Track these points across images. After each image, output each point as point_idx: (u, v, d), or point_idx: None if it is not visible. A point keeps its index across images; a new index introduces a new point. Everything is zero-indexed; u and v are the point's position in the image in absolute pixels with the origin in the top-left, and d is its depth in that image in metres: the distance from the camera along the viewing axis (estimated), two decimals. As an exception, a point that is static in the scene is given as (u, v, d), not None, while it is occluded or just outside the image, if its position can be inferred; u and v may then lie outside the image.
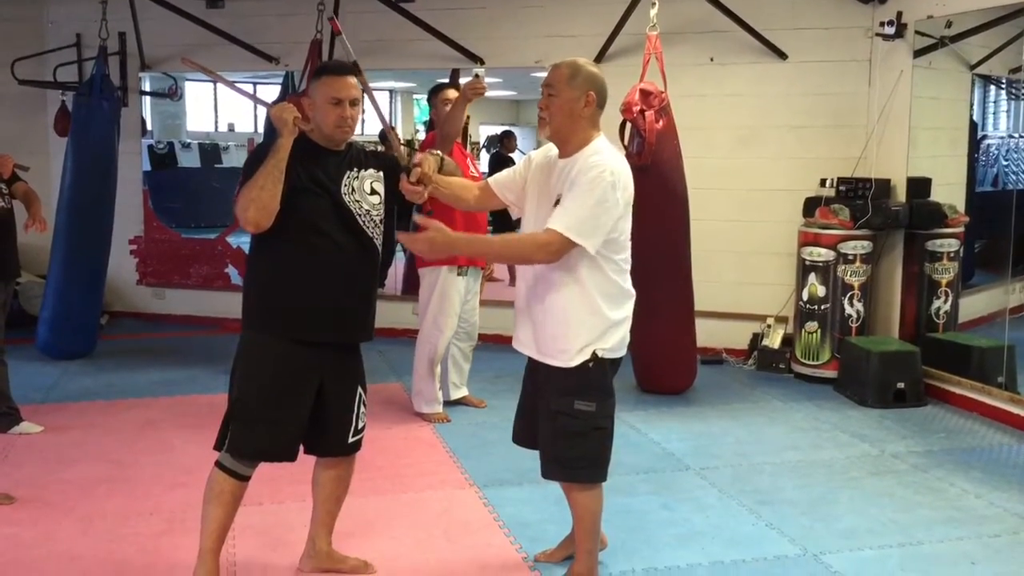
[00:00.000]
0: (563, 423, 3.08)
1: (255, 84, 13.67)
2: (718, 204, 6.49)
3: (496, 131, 11.81)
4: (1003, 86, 7.45)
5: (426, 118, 8.53)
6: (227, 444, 3.00)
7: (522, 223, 3.24)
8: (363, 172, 3.06)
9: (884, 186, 6.11)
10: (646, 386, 5.82)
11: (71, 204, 6.48)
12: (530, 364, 3.25)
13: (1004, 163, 7.76)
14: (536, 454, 3.22)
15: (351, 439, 3.15)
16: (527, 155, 3.34)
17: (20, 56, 7.29)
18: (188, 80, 11.08)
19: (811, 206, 6.20)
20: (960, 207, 6.35)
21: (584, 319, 3.03)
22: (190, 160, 13.50)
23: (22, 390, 5.09)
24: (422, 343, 5.16)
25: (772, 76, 6.52)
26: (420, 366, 5.18)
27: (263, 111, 10.11)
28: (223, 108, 14.47)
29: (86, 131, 6.54)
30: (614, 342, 3.08)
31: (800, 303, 6.18)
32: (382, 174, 3.11)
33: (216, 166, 13.55)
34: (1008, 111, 7.73)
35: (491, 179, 3.39)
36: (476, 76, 4.66)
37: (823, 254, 6.03)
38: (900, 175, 6.15)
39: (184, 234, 8.50)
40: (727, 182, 6.60)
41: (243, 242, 3.43)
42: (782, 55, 6.45)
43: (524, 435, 3.32)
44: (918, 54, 6.01)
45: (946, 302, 6.13)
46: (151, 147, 11.74)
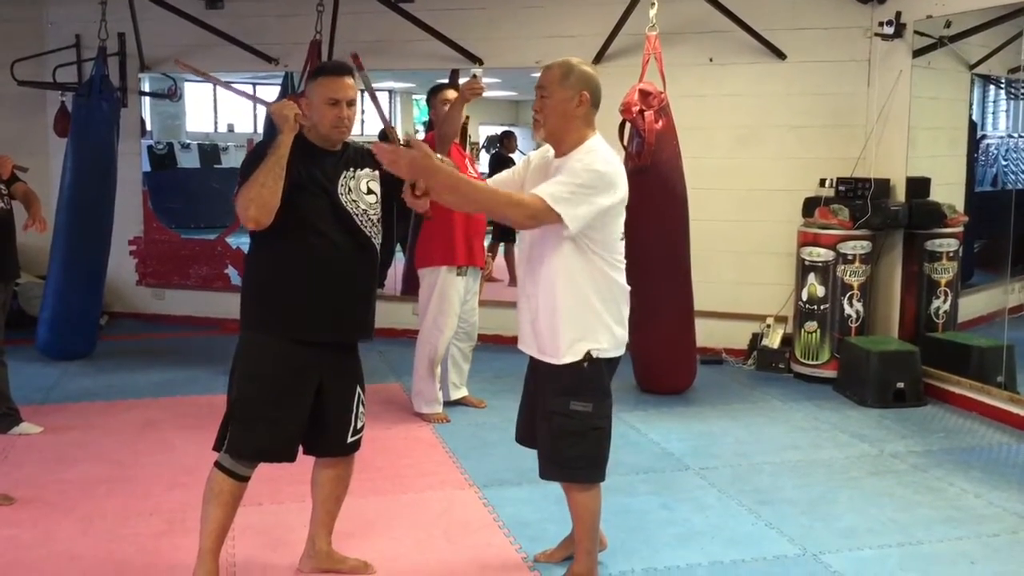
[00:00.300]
0: (560, 423, 3.08)
1: (254, 85, 13.66)
2: (717, 204, 6.50)
3: (496, 131, 11.79)
4: (1002, 86, 7.45)
5: (425, 118, 8.51)
6: (227, 445, 3.00)
7: None
8: (359, 172, 3.06)
9: (883, 186, 6.11)
10: (646, 386, 5.82)
11: (71, 205, 6.48)
12: (531, 363, 3.25)
13: (1003, 163, 7.76)
14: (536, 454, 3.22)
15: (350, 439, 3.14)
16: (526, 156, 3.34)
17: (20, 57, 7.29)
18: (187, 81, 11.07)
19: (810, 206, 6.20)
20: (959, 207, 6.36)
21: (576, 314, 3.02)
22: (189, 161, 13.50)
23: (22, 391, 5.09)
24: (422, 343, 5.17)
25: (771, 76, 6.52)
26: (420, 366, 5.19)
27: (263, 112, 10.12)
28: (222, 109, 14.46)
29: (86, 132, 6.55)
30: (609, 341, 3.08)
31: (799, 303, 6.18)
32: (378, 173, 3.10)
33: (215, 167, 13.53)
34: (1007, 111, 7.73)
35: (490, 180, 3.39)
36: (474, 76, 4.66)
37: (822, 254, 6.03)
38: (899, 175, 6.15)
39: (184, 235, 8.49)
40: (726, 182, 6.60)
41: (242, 243, 3.44)
42: (781, 55, 6.45)
43: (526, 434, 3.32)
44: (917, 54, 6.01)
45: (945, 302, 6.14)
46: (150, 148, 11.73)
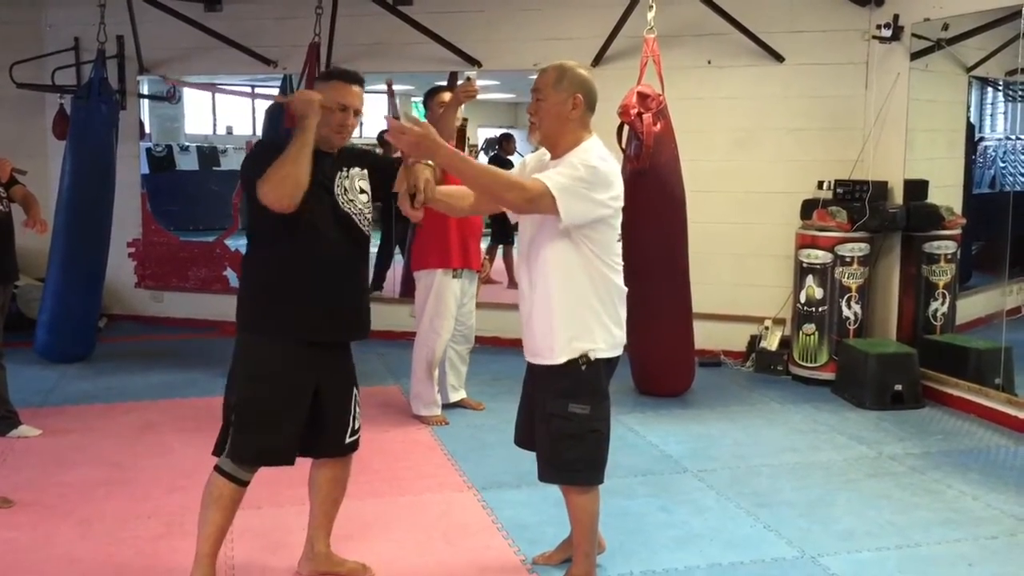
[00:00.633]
0: (558, 426, 3.08)
1: (253, 87, 13.67)
2: (716, 206, 6.50)
3: (495, 134, 11.80)
4: (1000, 88, 7.46)
5: (423, 121, 8.50)
6: (229, 449, 2.99)
7: (519, 226, 3.25)
8: (351, 171, 3.08)
9: (881, 188, 6.12)
10: (644, 388, 5.83)
11: (69, 207, 6.47)
12: (529, 365, 3.25)
13: (1001, 165, 7.77)
14: (535, 456, 3.22)
15: (348, 439, 3.15)
16: (523, 159, 3.34)
17: (18, 59, 7.29)
18: (185, 84, 11.08)
19: (808, 208, 6.21)
20: (957, 209, 6.37)
21: (573, 313, 3.03)
22: (188, 163, 13.50)
23: (21, 393, 5.09)
24: (419, 346, 5.17)
25: (769, 79, 6.53)
26: (418, 369, 5.19)
27: (261, 113, 10.11)
28: (221, 111, 14.47)
29: (84, 134, 6.55)
30: (606, 341, 3.08)
31: (798, 305, 6.19)
32: (366, 172, 3.12)
33: (214, 169, 13.55)
34: (1005, 113, 7.74)
35: None
36: (468, 79, 4.64)
37: (820, 256, 6.03)
38: (897, 177, 6.16)
39: (182, 237, 8.50)
40: (725, 184, 6.61)
41: (241, 245, 3.45)
42: (779, 58, 6.46)
43: (525, 437, 3.32)
44: (915, 56, 6.02)
45: (943, 304, 6.14)
46: (149, 150, 11.74)
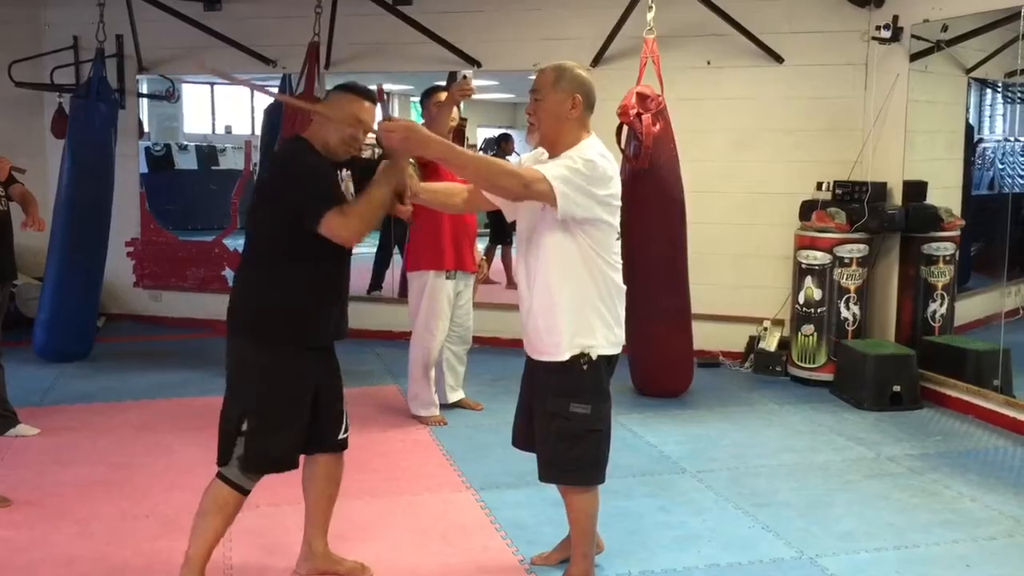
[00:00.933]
0: (559, 425, 3.08)
1: (252, 87, 13.66)
2: (715, 207, 6.51)
3: (494, 134, 11.79)
4: (999, 90, 7.46)
5: (422, 121, 8.51)
6: (242, 459, 2.95)
7: (517, 225, 3.24)
8: (342, 174, 3.08)
9: (880, 189, 6.12)
10: (643, 389, 5.83)
11: (68, 206, 6.47)
12: (528, 366, 3.25)
13: (1000, 167, 7.77)
14: (534, 457, 3.22)
15: (342, 435, 3.19)
16: (520, 158, 3.34)
17: (17, 58, 7.29)
18: (185, 82, 11.06)
19: (807, 209, 6.21)
20: (956, 211, 6.37)
21: (574, 311, 3.03)
22: (187, 162, 13.49)
23: (19, 392, 5.09)
24: (414, 347, 5.17)
25: (769, 80, 6.53)
26: (414, 370, 5.19)
27: (260, 112, 10.08)
28: (220, 110, 14.46)
29: (83, 133, 6.55)
30: (607, 339, 3.08)
31: (796, 306, 6.19)
32: (349, 173, 3.12)
33: (213, 168, 13.54)
34: (1004, 115, 7.74)
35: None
36: (464, 77, 4.62)
37: (819, 257, 6.03)
38: (896, 178, 6.16)
39: (181, 236, 8.49)
40: (724, 185, 6.61)
41: (239, 245, 3.43)
42: (779, 59, 6.47)
43: (523, 438, 3.32)
44: (914, 58, 6.03)
45: (942, 305, 6.14)
46: (148, 149, 11.73)
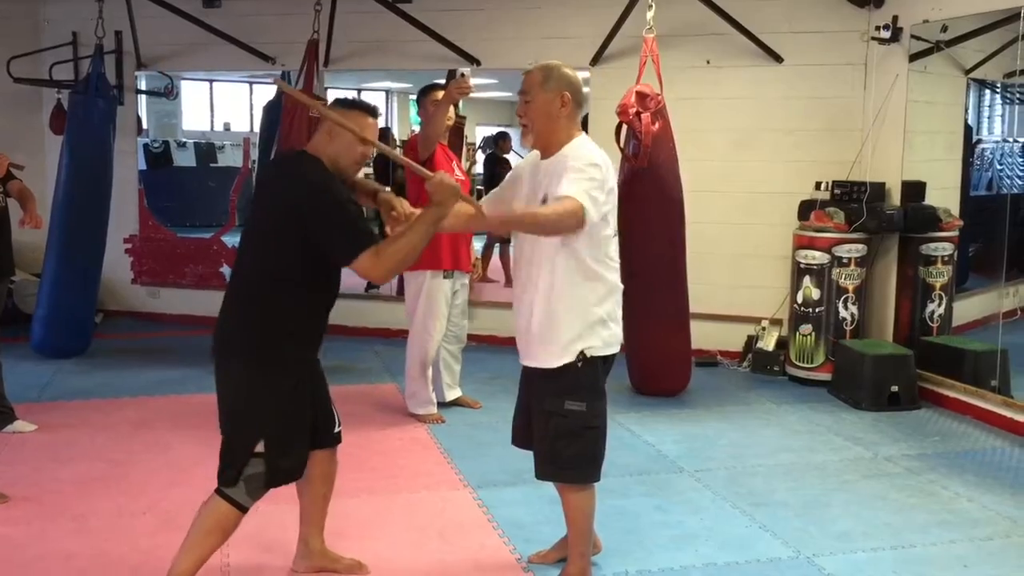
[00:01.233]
0: (555, 423, 3.09)
1: (251, 83, 13.69)
2: (714, 207, 6.51)
3: (493, 132, 11.79)
4: (998, 90, 7.47)
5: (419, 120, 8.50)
6: (262, 479, 2.90)
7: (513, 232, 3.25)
8: None
9: (879, 190, 6.12)
10: (641, 388, 5.83)
11: (66, 203, 6.46)
12: (525, 370, 3.25)
13: (999, 167, 7.79)
14: (531, 455, 3.22)
15: (336, 429, 3.21)
16: (517, 167, 3.35)
17: (16, 54, 7.27)
18: (184, 79, 11.06)
19: (806, 209, 6.21)
20: (955, 211, 6.37)
21: (572, 313, 3.03)
22: (186, 159, 13.51)
23: (16, 389, 5.08)
24: (412, 346, 5.18)
25: (768, 79, 6.53)
26: (412, 369, 5.19)
27: (260, 111, 10.09)
28: (219, 107, 14.46)
29: (82, 130, 6.54)
30: (603, 339, 3.08)
31: (795, 306, 6.19)
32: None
33: (212, 165, 13.55)
34: (1003, 115, 7.75)
35: (486, 199, 3.39)
36: (461, 75, 4.60)
37: (818, 257, 6.03)
38: (895, 179, 6.17)
39: (179, 233, 8.48)
40: (723, 185, 6.61)
41: (237, 241, 3.41)
42: (778, 58, 6.47)
43: (522, 436, 3.32)
44: (913, 58, 6.03)
45: (940, 306, 6.15)
46: (147, 146, 11.74)
